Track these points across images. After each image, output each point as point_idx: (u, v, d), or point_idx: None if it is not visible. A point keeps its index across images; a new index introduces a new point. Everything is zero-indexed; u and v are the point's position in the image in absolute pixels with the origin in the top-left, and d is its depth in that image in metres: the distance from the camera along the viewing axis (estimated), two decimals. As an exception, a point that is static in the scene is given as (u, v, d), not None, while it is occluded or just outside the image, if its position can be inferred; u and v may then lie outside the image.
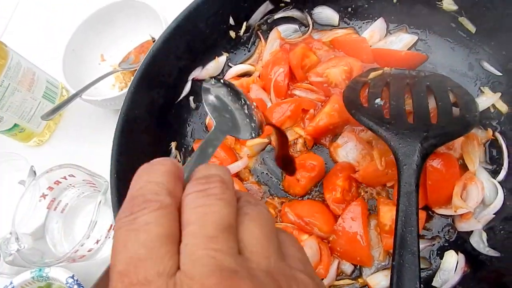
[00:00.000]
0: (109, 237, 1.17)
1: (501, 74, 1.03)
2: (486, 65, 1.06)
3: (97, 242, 1.14)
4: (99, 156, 1.08)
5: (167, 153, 1.16)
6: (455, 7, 1.06)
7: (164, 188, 0.43)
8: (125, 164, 0.99)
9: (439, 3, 1.07)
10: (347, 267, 1.01)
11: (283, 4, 1.23)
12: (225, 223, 0.41)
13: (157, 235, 0.39)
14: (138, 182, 0.44)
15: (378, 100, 0.99)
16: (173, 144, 1.18)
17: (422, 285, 0.74)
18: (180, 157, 1.18)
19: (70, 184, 1.24)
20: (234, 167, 1.13)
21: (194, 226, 0.40)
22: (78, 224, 1.28)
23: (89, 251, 1.13)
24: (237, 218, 0.44)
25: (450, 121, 0.94)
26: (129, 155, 1.02)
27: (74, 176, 1.19)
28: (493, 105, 1.04)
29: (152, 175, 0.45)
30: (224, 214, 0.42)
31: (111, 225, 1.17)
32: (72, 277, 1.14)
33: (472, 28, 1.05)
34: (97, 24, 1.52)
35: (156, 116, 1.13)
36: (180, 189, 0.45)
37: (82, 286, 1.13)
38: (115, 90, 1.52)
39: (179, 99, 1.20)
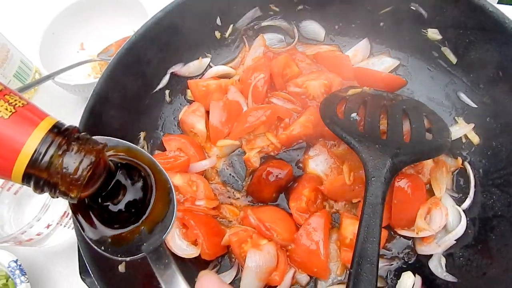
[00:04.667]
0: (61, 224, 1.12)
1: (476, 107, 1.05)
2: (463, 96, 1.07)
3: (48, 226, 1.09)
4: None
5: (135, 141, 1.13)
6: (439, 37, 1.08)
7: None
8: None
9: (424, 31, 1.09)
10: (303, 278, 0.99)
11: (272, 13, 1.24)
12: None
13: None
14: None
15: (354, 115, 1.00)
16: (142, 134, 1.15)
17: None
18: (148, 148, 1.15)
19: (29, 165, 1.19)
20: (201, 165, 1.11)
21: None
22: (30, 209, 1.23)
23: (38, 234, 1.08)
24: None
25: (422, 142, 0.94)
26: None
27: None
28: (466, 136, 1.05)
29: None
30: None
31: (65, 212, 1.12)
32: (16, 261, 1.09)
33: (453, 59, 1.07)
34: (81, 12, 1.50)
35: (129, 103, 1.10)
36: None
37: (24, 272, 1.08)
38: (90, 79, 1.49)
39: (154, 90, 1.18)
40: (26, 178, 0.52)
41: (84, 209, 0.69)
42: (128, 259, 0.68)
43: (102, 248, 0.68)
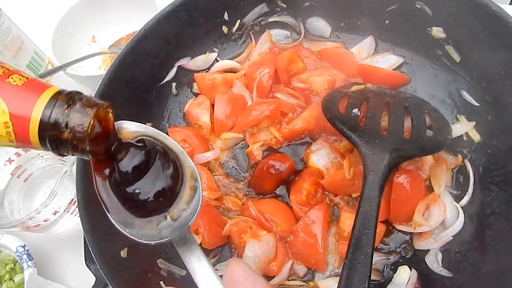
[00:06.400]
0: (68, 211, 1.15)
1: (478, 105, 1.05)
2: (465, 95, 1.07)
3: (55, 213, 1.11)
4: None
5: (140, 132, 1.14)
6: (443, 35, 1.08)
7: None
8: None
9: (429, 29, 1.10)
10: (300, 269, 1.00)
11: (278, 9, 1.25)
12: None
13: None
14: None
15: (355, 110, 1.01)
16: (148, 125, 1.16)
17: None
18: (153, 140, 1.17)
19: (39, 154, 1.22)
20: (205, 157, 1.13)
21: None
22: (39, 196, 1.26)
23: (45, 221, 1.10)
24: None
25: (422, 138, 0.95)
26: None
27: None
28: (467, 134, 1.06)
29: None
30: None
31: (72, 200, 1.15)
32: (23, 246, 1.11)
33: (457, 57, 1.08)
34: (94, 5, 1.52)
35: (136, 94, 1.12)
36: None
37: (31, 257, 1.10)
38: (100, 71, 1.52)
39: (161, 83, 1.20)
40: (42, 140, 0.55)
41: (112, 192, 0.68)
42: (153, 243, 0.67)
43: (127, 231, 0.68)
